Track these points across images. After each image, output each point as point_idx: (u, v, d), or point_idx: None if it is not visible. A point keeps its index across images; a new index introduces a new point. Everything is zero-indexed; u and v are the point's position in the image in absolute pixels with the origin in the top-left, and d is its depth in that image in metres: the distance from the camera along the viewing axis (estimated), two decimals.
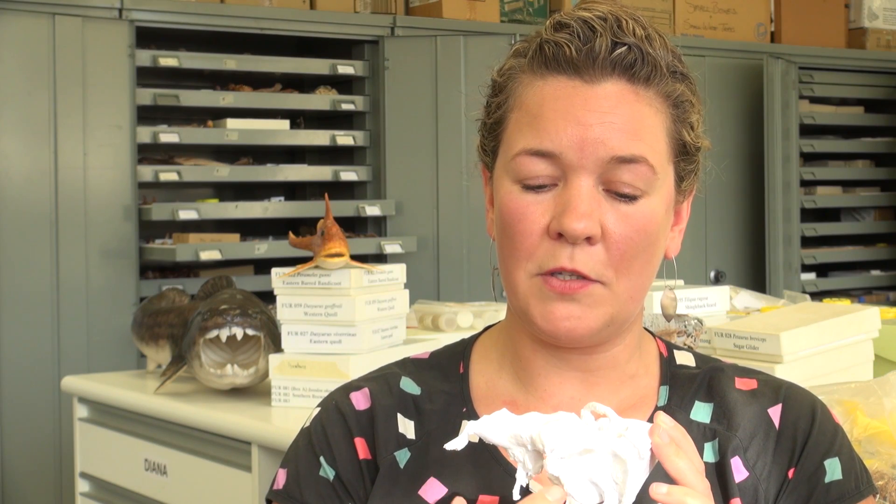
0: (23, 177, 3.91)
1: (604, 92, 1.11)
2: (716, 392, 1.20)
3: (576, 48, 1.11)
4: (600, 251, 1.10)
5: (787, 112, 5.24)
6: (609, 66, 1.11)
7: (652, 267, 1.15)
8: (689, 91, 1.16)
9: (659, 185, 1.13)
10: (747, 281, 5.24)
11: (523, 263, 1.12)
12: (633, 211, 1.11)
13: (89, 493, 2.90)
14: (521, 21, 5.00)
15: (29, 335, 3.90)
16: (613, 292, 1.12)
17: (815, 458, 1.16)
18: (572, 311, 1.11)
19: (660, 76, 1.13)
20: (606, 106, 1.10)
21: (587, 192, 1.10)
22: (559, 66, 1.12)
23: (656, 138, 1.13)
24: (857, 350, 2.12)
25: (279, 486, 1.21)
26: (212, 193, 4.76)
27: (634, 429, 0.98)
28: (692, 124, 1.16)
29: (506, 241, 1.14)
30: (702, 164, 1.21)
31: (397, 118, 4.64)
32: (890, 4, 5.84)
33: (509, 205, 1.13)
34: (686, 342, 2.11)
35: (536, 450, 0.99)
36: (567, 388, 1.19)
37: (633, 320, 1.18)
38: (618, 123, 1.10)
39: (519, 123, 1.14)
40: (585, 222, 1.09)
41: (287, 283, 2.45)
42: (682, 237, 1.22)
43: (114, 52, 4.04)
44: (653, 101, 1.13)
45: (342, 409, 1.20)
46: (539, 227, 1.11)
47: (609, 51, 1.11)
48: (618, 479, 0.97)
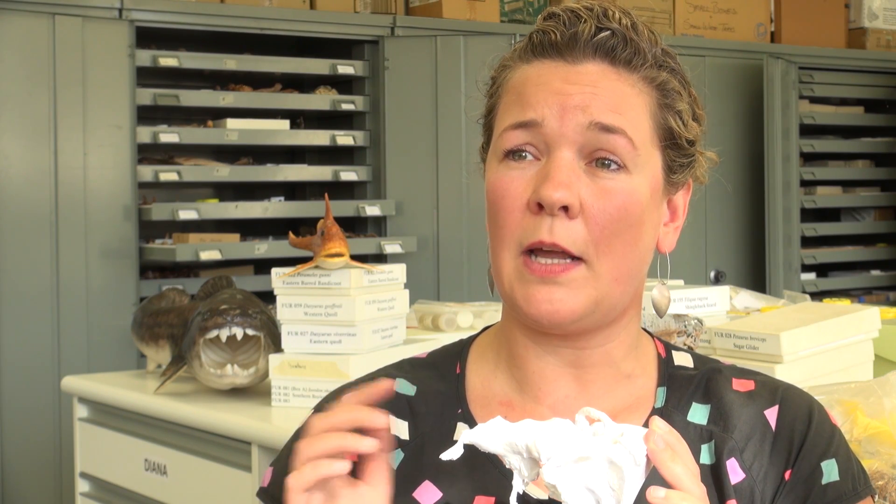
0: (23, 177, 3.91)
1: (585, 70, 1.14)
2: (713, 393, 1.20)
3: (560, 34, 1.14)
4: (580, 226, 1.11)
5: (787, 112, 5.24)
6: (591, 49, 1.14)
7: (638, 252, 1.15)
8: (678, 83, 1.17)
9: (641, 164, 1.13)
10: (747, 281, 5.24)
11: (507, 242, 1.13)
12: (612, 186, 1.11)
13: (89, 493, 2.90)
14: (521, 21, 5.00)
15: (29, 335, 3.90)
16: (595, 273, 1.12)
17: (812, 459, 1.16)
18: (554, 293, 1.11)
19: (642, 61, 1.15)
20: (587, 80, 1.13)
21: (567, 163, 1.11)
22: (544, 50, 1.15)
23: (637, 116, 1.14)
24: (857, 350, 2.12)
25: (265, 485, 1.23)
26: (212, 193, 4.76)
27: (630, 434, 0.98)
28: (680, 112, 1.17)
29: (492, 220, 1.15)
30: (701, 164, 1.21)
31: (397, 118, 4.64)
32: (890, 4, 5.84)
33: (494, 182, 1.15)
34: (686, 342, 2.11)
35: (532, 457, 0.99)
36: (562, 388, 1.18)
37: (626, 314, 1.18)
38: (598, 95, 1.12)
39: (506, 105, 1.16)
40: (563, 192, 1.09)
41: (287, 283, 2.45)
42: (679, 235, 1.22)
43: (114, 52, 4.04)
44: (636, 83, 1.15)
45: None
46: (520, 202, 1.12)
47: (592, 35, 1.13)
48: (614, 485, 0.97)
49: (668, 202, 1.20)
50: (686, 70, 1.20)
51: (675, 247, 1.22)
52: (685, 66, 1.20)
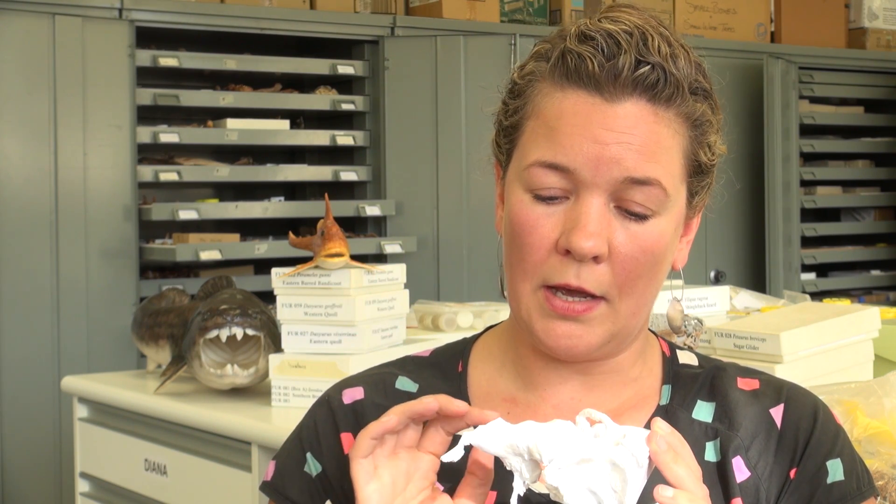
0: (23, 177, 3.91)
1: (623, 111, 1.09)
2: (718, 391, 1.20)
3: (598, 63, 1.09)
4: (606, 270, 1.10)
5: (787, 112, 5.24)
6: (631, 86, 1.09)
7: (656, 283, 1.15)
8: (710, 109, 1.16)
9: (671, 206, 1.13)
10: (747, 281, 5.24)
11: (529, 276, 1.12)
12: (641, 231, 1.11)
13: (89, 493, 2.90)
14: (522, 21, 5.00)
15: (29, 335, 3.90)
16: (615, 310, 1.12)
17: (817, 458, 1.16)
18: (573, 330, 1.12)
19: (681, 97, 1.12)
20: (624, 126, 1.09)
21: (597, 210, 1.09)
22: (580, 79, 1.10)
23: (672, 160, 1.12)
24: (857, 350, 2.12)
25: (268, 478, 1.23)
26: (212, 193, 4.76)
27: (632, 436, 0.98)
28: (710, 144, 1.16)
29: (514, 251, 1.14)
30: (716, 176, 1.21)
31: (397, 118, 4.64)
32: (890, 4, 5.84)
33: (520, 214, 1.12)
34: (686, 342, 2.11)
35: (533, 459, 0.99)
36: (567, 389, 1.19)
37: (638, 332, 1.18)
38: (634, 144, 1.09)
39: (535, 133, 1.13)
40: (594, 241, 1.09)
41: (287, 283, 2.45)
42: (690, 248, 1.22)
43: (114, 52, 4.04)
44: (672, 122, 1.12)
45: (332, 405, 1.22)
46: (548, 241, 1.11)
47: (632, 69, 1.09)
48: (617, 487, 0.97)
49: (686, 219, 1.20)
50: (713, 78, 1.17)
51: (686, 261, 1.21)
52: (712, 74, 1.17)
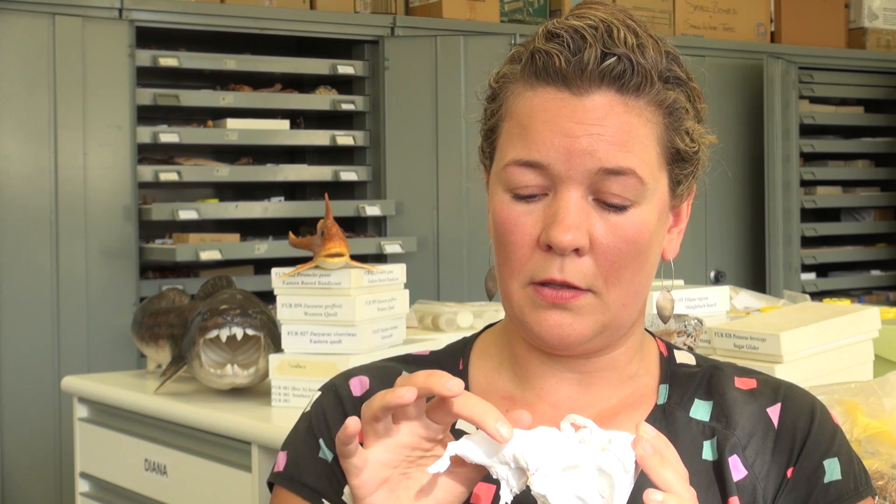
0: (23, 177, 3.91)
1: (592, 104, 1.10)
2: (715, 390, 1.20)
3: (565, 59, 1.10)
4: (589, 262, 1.11)
5: (787, 112, 5.24)
6: (598, 78, 1.10)
7: (645, 273, 1.15)
8: (685, 96, 1.15)
9: (650, 195, 1.13)
10: (747, 281, 5.24)
11: (516, 274, 1.13)
12: (622, 221, 1.11)
13: (89, 493, 2.90)
14: (521, 21, 5.00)
15: (29, 335, 3.90)
16: (604, 301, 1.12)
17: (815, 457, 1.16)
18: (564, 319, 1.12)
19: (650, 85, 1.12)
20: (594, 118, 1.10)
21: (575, 203, 1.10)
22: (549, 76, 1.12)
23: (646, 148, 1.12)
24: (857, 350, 2.12)
25: (280, 469, 1.22)
26: (212, 193, 4.76)
27: (617, 441, 0.98)
28: (687, 130, 1.15)
29: (500, 251, 1.15)
30: (703, 163, 1.20)
31: (397, 118, 4.64)
32: (890, 4, 5.84)
33: (501, 214, 1.14)
34: (686, 342, 2.11)
35: (520, 467, 0.99)
36: (564, 388, 1.19)
37: (632, 325, 1.18)
38: (606, 135, 1.10)
39: (510, 134, 1.14)
40: (573, 234, 1.09)
41: (287, 283, 2.45)
42: (682, 238, 1.22)
43: (114, 52, 4.05)
44: (643, 111, 1.12)
45: (340, 393, 1.23)
46: (530, 238, 1.12)
47: (598, 62, 1.10)
48: (604, 493, 0.97)
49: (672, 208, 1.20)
50: (688, 66, 1.17)
51: (678, 251, 1.22)
52: (687, 62, 1.17)
